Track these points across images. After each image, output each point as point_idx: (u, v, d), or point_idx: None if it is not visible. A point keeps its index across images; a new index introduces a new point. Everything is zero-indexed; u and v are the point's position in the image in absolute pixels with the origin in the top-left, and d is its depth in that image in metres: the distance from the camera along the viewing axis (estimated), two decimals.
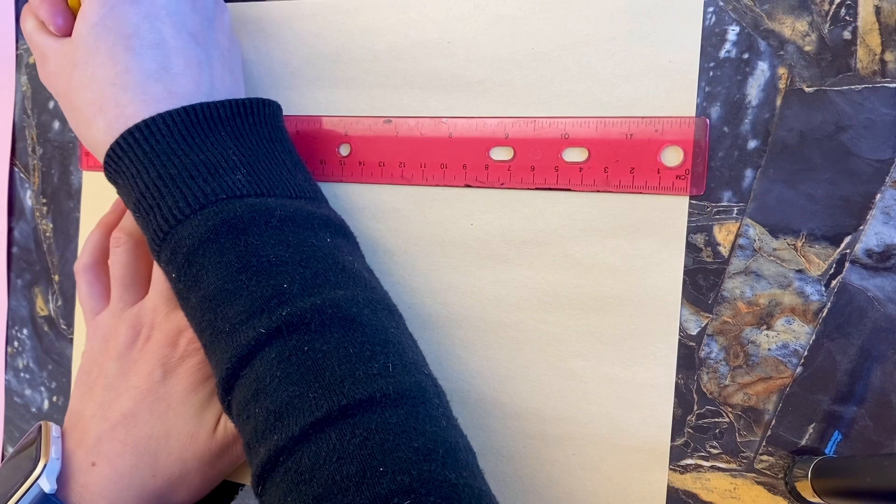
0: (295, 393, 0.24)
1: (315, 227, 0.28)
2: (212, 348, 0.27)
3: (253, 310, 0.26)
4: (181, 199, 0.27)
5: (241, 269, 0.26)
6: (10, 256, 0.44)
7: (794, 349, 0.29)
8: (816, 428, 0.28)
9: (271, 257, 0.27)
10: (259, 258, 0.26)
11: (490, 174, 0.32)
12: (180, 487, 0.32)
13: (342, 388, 0.24)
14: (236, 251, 0.27)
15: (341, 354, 0.25)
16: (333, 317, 0.26)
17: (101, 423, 0.31)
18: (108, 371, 0.32)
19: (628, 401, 0.30)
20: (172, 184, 0.28)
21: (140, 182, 0.28)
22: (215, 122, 0.29)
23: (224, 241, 0.27)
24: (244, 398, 0.26)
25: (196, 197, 0.27)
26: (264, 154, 0.30)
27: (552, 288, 0.32)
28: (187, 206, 0.27)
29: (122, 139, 0.28)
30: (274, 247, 0.27)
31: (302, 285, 0.26)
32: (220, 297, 0.26)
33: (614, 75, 0.31)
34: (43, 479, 0.29)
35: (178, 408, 0.32)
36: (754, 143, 0.29)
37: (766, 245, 0.29)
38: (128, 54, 0.29)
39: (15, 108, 0.44)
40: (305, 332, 0.25)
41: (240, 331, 0.26)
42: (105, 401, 0.32)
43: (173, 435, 0.31)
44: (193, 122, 0.29)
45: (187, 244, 0.27)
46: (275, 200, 0.28)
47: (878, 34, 0.28)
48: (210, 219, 0.27)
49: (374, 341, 0.26)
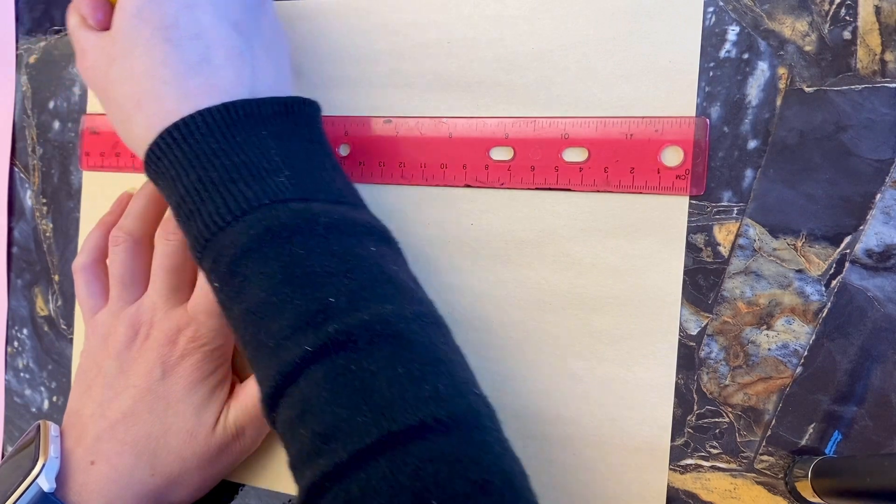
0: (343, 416, 0.23)
1: (359, 235, 0.27)
2: (256, 363, 0.26)
3: (298, 325, 0.24)
4: (222, 205, 0.26)
5: (286, 281, 0.25)
6: (10, 256, 0.44)
7: (794, 349, 0.29)
8: (816, 428, 0.28)
9: (316, 268, 0.25)
10: (304, 269, 0.25)
11: (490, 174, 0.32)
12: (179, 486, 0.32)
13: (392, 412, 0.23)
14: (280, 261, 0.25)
15: (390, 375, 0.23)
16: (381, 333, 0.24)
17: (100, 421, 0.31)
18: (107, 370, 0.32)
19: (628, 401, 0.30)
20: (213, 188, 0.26)
21: (180, 185, 0.27)
22: (256, 120, 0.28)
23: (267, 250, 0.25)
24: (289, 417, 0.24)
25: (238, 202, 0.26)
26: (305, 156, 0.28)
27: (552, 288, 0.31)
28: (228, 213, 0.26)
29: (161, 139, 0.27)
30: (319, 256, 0.25)
31: (348, 299, 0.25)
32: (263, 310, 0.25)
33: (614, 75, 0.31)
34: (42, 477, 0.29)
35: (177, 406, 0.31)
36: (754, 143, 0.29)
37: (766, 245, 0.29)
38: (166, 46, 0.28)
39: (15, 108, 0.44)
40: (353, 349, 0.24)
41: (285, 347, 0.24)
42: (104, 399, 0.32)
43: (172, 433, 0.31)
44: (234, 119, 0.27)
45: (229, 253, 0.26)
46: (318, 205, 0.27)
47: (878, 34, 0.28)
48: (252, 226, 0.26)
49: (424, 360, 0.24)
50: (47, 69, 0.42)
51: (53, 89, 0.42)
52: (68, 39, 0.42)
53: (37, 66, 0.43)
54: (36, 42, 0.43)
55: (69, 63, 0.42)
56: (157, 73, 0.28)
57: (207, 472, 0.32)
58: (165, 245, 0.32)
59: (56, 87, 0.42)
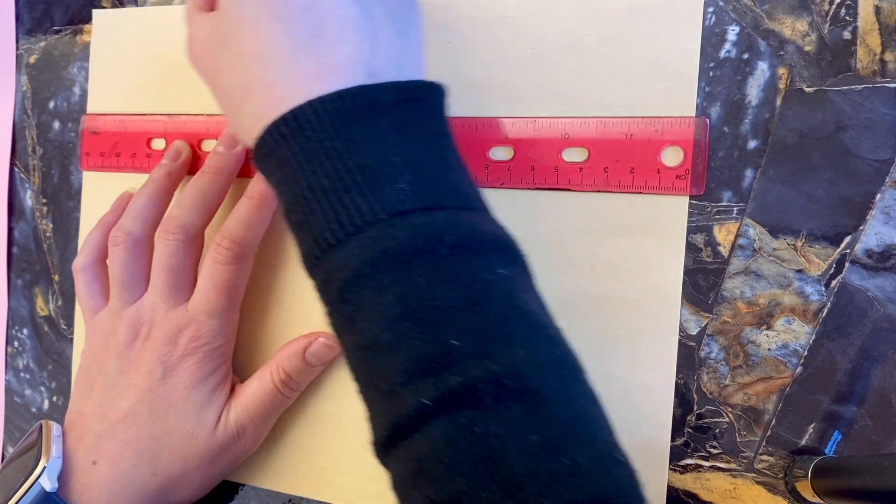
0: (464, 487, 0.20)
1: (487, 254, 0.23)
2: (366, 400, 0.23)
3: (415, 371, 0.21)
4: (333, 220, 0.23)
5: (403, 316, 0.22)
6: (10, 256, 0.44)
7: (794, 349, 0.29)
8: (816, 428, 0.28)
9: (438, 301, 0.22)
10: (424, 302, 0.22)
11: (490, 174, 0.32)
12: (181, 486, 0.32)
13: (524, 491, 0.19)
14: (397, 291, 0.22)
15: (522, 443, 0.20)
16: (511, 389, 0.21)
17: (102, 421, 0.31)
18: (108, 370, 0.32)
19: (628, 401, 0.30)
20: (324, 198, 0.23)
21: (288, 191, 0.24)
22: (375, 110, 0.24)
23: (382, 276, 0.22)
24: (402, 473, 0.22)
25: (350, 217, 0.23)
26: (429, 152, 0.25)
27: (552, 288, 0.31)
28: (340, 229, 0.23)
29: (269, 134, 0.24)
30: (441, 286, 0.22)
31: (474, 341, 0.21)
32: (376, 347, 0.22)
33: (614, 75, 0.31)
34: (44, 478, 0.29)
35: (178, 406, 0.31)
36: (754, 143, 0.29)
37: (766, 245, 0.29)
38: (274, 22, 0.25)
39: (15, 108, 0.44)
40: (478, 407, 0.20)
41: (399, 394, 0.21)
42: (105, 399, 0.32)
43: (174, 433, 0.31)
44: (349, 111, 0.24)
45: (340, 277, 0.23)
46: (443, 217, 0.23)
47: (878, 34, 0.28)
48: (366, 247, 0.22)
49: (561, 423, 0.21)
50: (47, 69, 0.43)
51: (53, 89, 0.42)
52: (68, 39, 0.42)
53: (37, 66, 0.43)
54: (36, 42, 0.43)
55: (69, 63, 0.42)
56: (264, 54, 0.25)
57: (208, 471, 0.32)
58: (165, 245, 0.32)
59: (56, 87, 0.42)
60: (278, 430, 0.35)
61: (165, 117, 0.38)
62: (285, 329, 0.35)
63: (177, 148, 0.36)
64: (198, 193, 0.33)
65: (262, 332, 0.36)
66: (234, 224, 0.32)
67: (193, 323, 0.32)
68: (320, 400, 0.35)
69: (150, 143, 0.38)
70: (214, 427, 0.32)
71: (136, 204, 0.34)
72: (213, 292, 0.32)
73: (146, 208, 0.34)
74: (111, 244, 0.34)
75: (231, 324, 0.33)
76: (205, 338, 0.32)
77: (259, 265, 0.35)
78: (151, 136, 0.38)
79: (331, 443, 0.35)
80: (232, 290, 0.32)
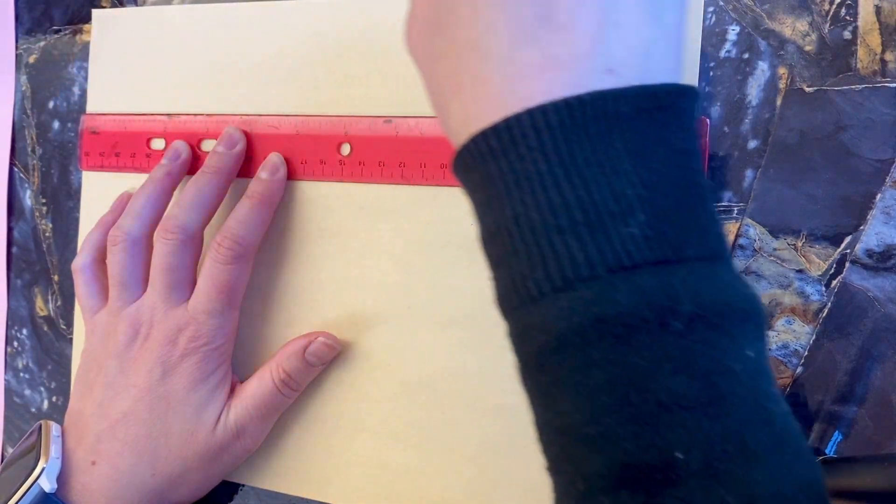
0: None
1: (733, 327, 0.18)
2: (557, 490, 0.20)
3: (623, 478, 0.17)
4: (539, 267, 0.18)
5: (614, 408, 0.17)
6: (10, 256, 0.44)
7: (795, 349, 0.29)
8: (817, 428, 0.28)
9: (662, 395, 0.17)
10: (643, 394, 0.17)
11: None
12: (181, 485, 0.32)
13: None
14: (609, 374, 0.17)
15: None
16: None
17: (101, 421, 0.31)
18: (108, 370, 0.32)
19: None
20: (531, 237, 0.18)
21: (489, 218, 0.20)
22: (611, 125, 0.18)
23: (593, 351, 0.17)
24: None
25: (561, 267, 0.18)
26: (672, 182, 0.18)
27: None
28: (546, 281, 0.18)
29: (474, 144, 0.20)
30: (669, 375, 0.17)
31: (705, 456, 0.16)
32: (576, 436, 0.18)
33: None
34: (43, 478, 0.29)
35: (177, 406, 0.31)
36: (754, 143, 0.29)
37: (766, 245, 0.29)
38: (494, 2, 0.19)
39: (15, 108, 0.44)
40: None
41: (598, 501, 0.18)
42: (104, 399, 0.32)
43: (173, 434, 0.31)
44: (577, 126, 0.18)
45: (539, 339, 0.18)
46: (681, 276, 0.18)
47: (879, 34, 0.28)
48: (576, 311, 0.18)
49: None
50: (47, 69, 0.42)
51: (53, 89, 0.42)
52: (68, 39, 0.42)
53: (37, 66, 0.43)
54: (36, 42, 0.43)
55: (69, 63, 0.42)
56: (480, 42, 0.20)
57: (208, 471, 0.32)
58: (164, 244, 0.32)
59: (56, 87, 0.42)
60: (278, 430, 0.35)
61: (165, 117, 0.38)
62: (285, 329, 0.35)
63: (176, 148, 0.36)
64: (197, 193, 0.33)
65: (262, 331, 0.36)
66: (234, 224, 0.32)
67: (193, 323, 0.32)
68: (320, 400, 0.35)
69: (149, 142, 0.38)
70: (214, 427, 0.32)
71: (135, 204, 0.34)
72: (212, 292, 0.32)
73: (145, 208, 0.34)
74: (110, 244, 0.34)
75: (231, 324, 0.33)
76: (204, 338, 0.32)
77: (259, 265, 0.35)
78: (151, 136, 0.38)
79: (331, 443, 0.35)
80: (232, 290, 0.32)
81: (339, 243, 0.35)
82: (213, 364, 0.32)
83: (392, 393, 0.34)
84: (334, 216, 0.35)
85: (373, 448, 0.34)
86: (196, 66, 0.38)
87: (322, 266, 0.35)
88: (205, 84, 0.37)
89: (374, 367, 0.34)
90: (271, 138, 0.35)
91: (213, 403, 0.32)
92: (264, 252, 0.35)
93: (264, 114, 0.36)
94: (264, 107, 0.36)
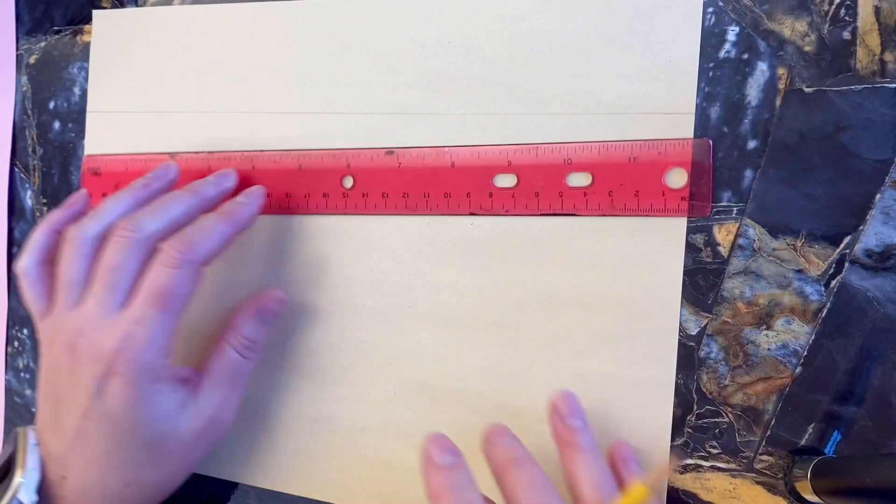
0: None
1: None
2: None
3: None
4: None
5: None
6: (10, 256, 0.44)
7: (794, 349, 0.29)
8: (816, 428, 0.28)
9: None
10: None
11: (494, 202, 0.32)
12: (165, 483, 0.31)
13: None
14: None
15: None
16: None
17: (60, 439, 0.30)
18: (57, 383, 0.30)
19: (628, 401, 0.30)
20: None
21: None
22: None
23: None
24: None
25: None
26: None
27: (551, 288, 0.32)
28: None
29: None
30: None
31: None
32: None
33: (614, 75, 0.31)
34: (21, 492, 0.28)
35: (125, 423, 0.29)
36: (754, 144, 0.29)
37: (765, 245, 0.29)
38: None
39: (15, 108, 0.44)
40: None
41: None
42: (59, 414, 0.30)
43: (132, 447, 0.29)
44: None
45: None
46: None
47: (878, 34, 0.28)
48: None
49: None
50: (47, 69, 0.43)
51: (53, 89, 0.42)
52: (68, 39, 0.42)
53: (37, 66, 0.43)
54: (36, 42, 0.43)
55: (69, 63, 0.42)
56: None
57: (192, 456, 0.31)
58: (114, 242, 0.30)
59: (56, 87, 0.42)
60: (278, 430, 0.35)
61: (167, 156, 0.38)
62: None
63: (166, 166, 0.35)
64: (165, 202, 0.31)
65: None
66: (191, 230, 0.30)
67: (123, 338, 0.29)
68: (320, 400, 0.35)
69: None
70: (178, 425, 0.30)
71: (102, 207, 0.32)
72: (150, 298, 0.29)
73: (111, 213, 0.31)
74: (62, 241, 0.31)
75: (166, 336, 0.30)
76: (133, 353, 0.29)
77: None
78: None
79: (331, 443, 0.35)
80: (172, 296, 0.29)
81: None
82: (148, 379, 0.29)
83: (392, 393, 0.34)
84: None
85: (373, 448, 0.34)
86: (197, 66, 0.38)
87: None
88: (205, 84, 0.37)
89: (374, 367, 0.34)
90: (273, 173, 0.35)
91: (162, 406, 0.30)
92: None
93: (266, 149, 0.36)
94: (264, 107, 0.36)
